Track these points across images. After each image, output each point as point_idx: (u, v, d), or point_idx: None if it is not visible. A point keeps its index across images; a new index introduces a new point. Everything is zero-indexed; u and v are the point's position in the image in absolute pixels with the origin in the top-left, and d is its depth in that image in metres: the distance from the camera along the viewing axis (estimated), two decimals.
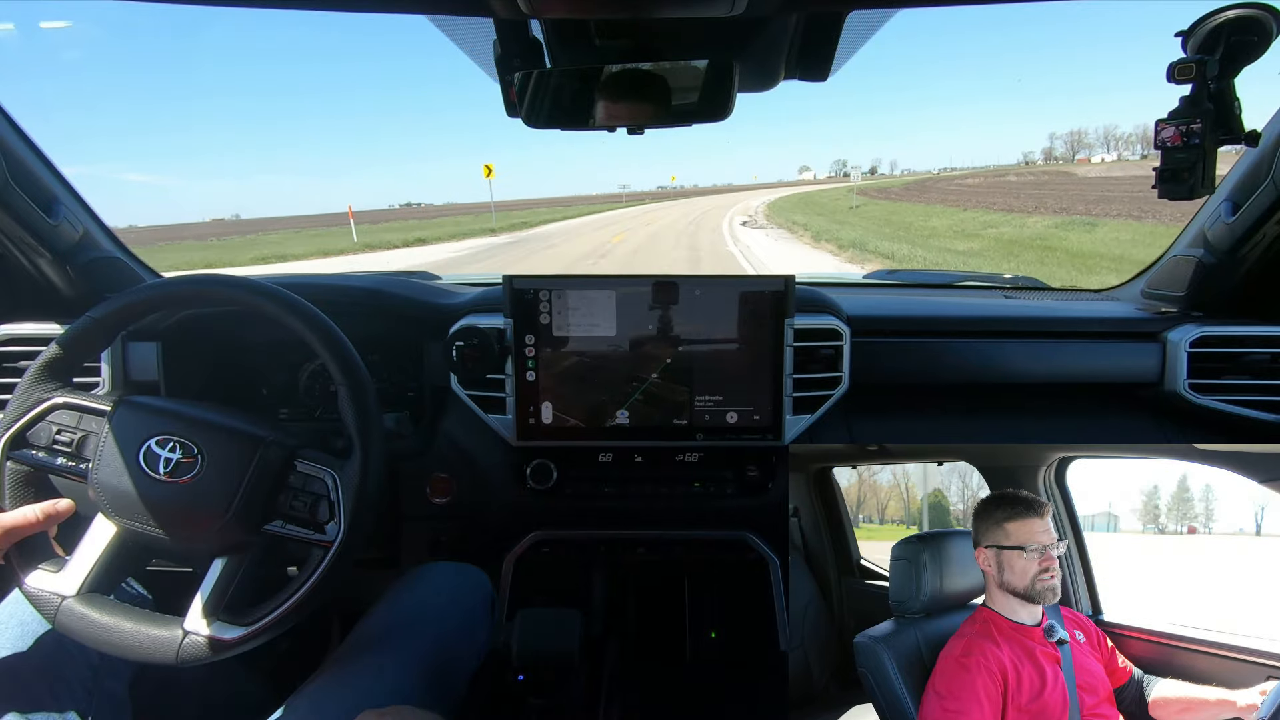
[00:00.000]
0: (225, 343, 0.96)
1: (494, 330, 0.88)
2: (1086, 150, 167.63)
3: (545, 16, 0.63)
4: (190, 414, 0.61)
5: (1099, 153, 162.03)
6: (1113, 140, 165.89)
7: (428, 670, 0.65)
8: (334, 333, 0.64)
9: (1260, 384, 0.90)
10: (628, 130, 0.74)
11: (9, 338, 0.92)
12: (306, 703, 0.59)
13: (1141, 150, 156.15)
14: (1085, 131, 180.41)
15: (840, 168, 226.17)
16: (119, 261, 1.02)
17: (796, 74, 0.76)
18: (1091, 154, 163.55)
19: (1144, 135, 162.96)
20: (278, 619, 0.58)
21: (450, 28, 0.68)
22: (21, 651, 0.61)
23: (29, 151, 0.88)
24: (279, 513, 0.60)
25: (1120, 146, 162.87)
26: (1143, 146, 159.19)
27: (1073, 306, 1.03)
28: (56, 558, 0.60)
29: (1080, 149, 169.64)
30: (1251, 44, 0.73)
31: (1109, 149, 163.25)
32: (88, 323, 0.63)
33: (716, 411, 0.88)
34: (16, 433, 0.60)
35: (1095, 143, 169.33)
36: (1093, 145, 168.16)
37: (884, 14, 0.65)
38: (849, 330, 0.89)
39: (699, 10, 0.53)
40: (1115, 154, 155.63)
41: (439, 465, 0.95)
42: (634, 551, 1.00)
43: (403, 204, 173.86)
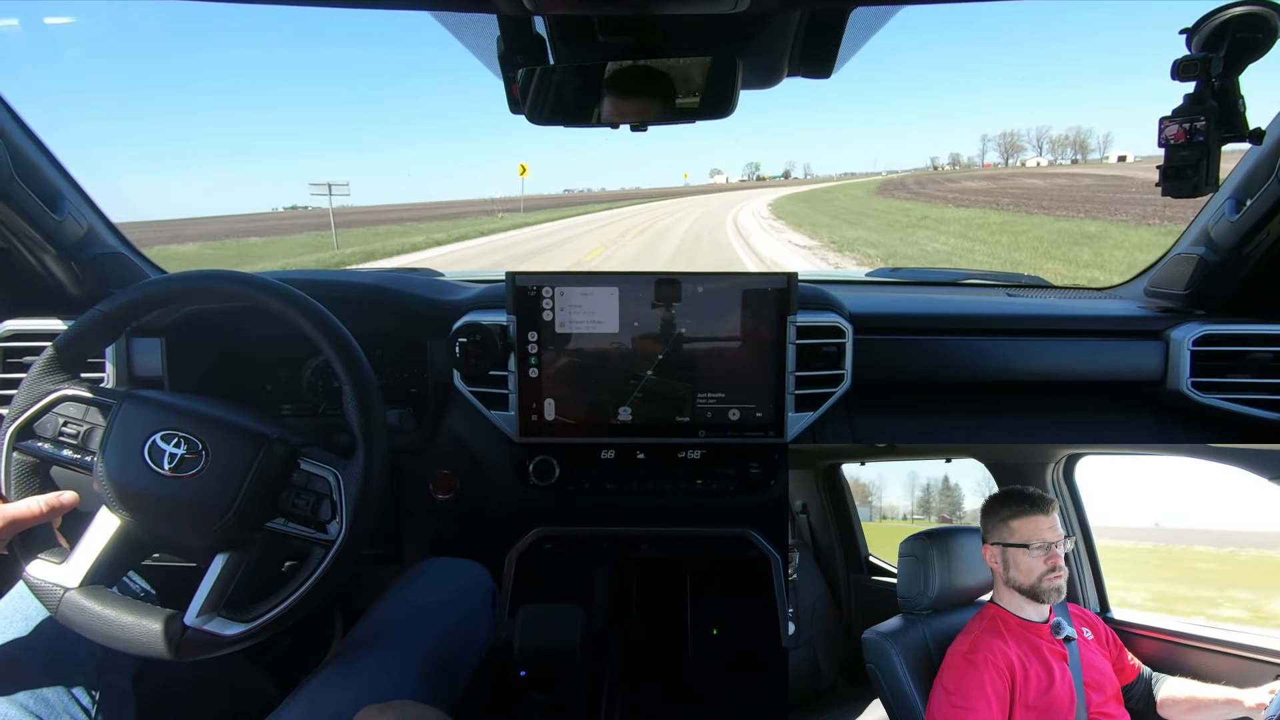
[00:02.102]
0: (229, 339, 0.96)
1: (497, 327, 0.88)
2: (1019, 154, 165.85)
3: (548, 13, 0.63)
4: (196, 409, 0.61)
5: (1031, 155, 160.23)
6: (1045, 143, 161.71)
7: (430, 666, 0.65)
8: (339, 330, 0.64)
9: (1263, 382, 0.90)
10: (630, 127, 0.74)
11: (14, 333, 0.92)
12: (309, 698, 0.59)
13: (1073, 154, 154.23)
14: (1018, 132, 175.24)
15: (753, 170, 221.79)
16: (123, 257, 1.02)
17: (800, 71, 0.77)
18: (1022, 157, 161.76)
19: (1077, 138, 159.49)
20: (277, 617, 0.58)
21: (454, 24, 0.69)
22: (26, 644, 0.61)
23: (33, 147, 0.88)
24: (281, 510, 0.60)
25: (1054, 150, 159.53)
26: (1073, 150, 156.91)
27: (1075, 305, 1.03)
28: (60, 549, 0.60)
29: (1014, 152, 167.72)
30: (1256, 41, 0.73)
31: (1041, 152, 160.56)
32: (96, 316, 0.63)
33: (719, 409, 0.88)
34: (23, 423, 0.60)
35: (1027, 145, 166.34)
36: (1024, 148, 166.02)
37: (887, 10, 0.65)
38: (852, 328, 0.89)
39: (702, 7, 0.53)
40: (1050, 157, 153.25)
41: (442, 461, 0.95)
42: (636, 548, 1.00)
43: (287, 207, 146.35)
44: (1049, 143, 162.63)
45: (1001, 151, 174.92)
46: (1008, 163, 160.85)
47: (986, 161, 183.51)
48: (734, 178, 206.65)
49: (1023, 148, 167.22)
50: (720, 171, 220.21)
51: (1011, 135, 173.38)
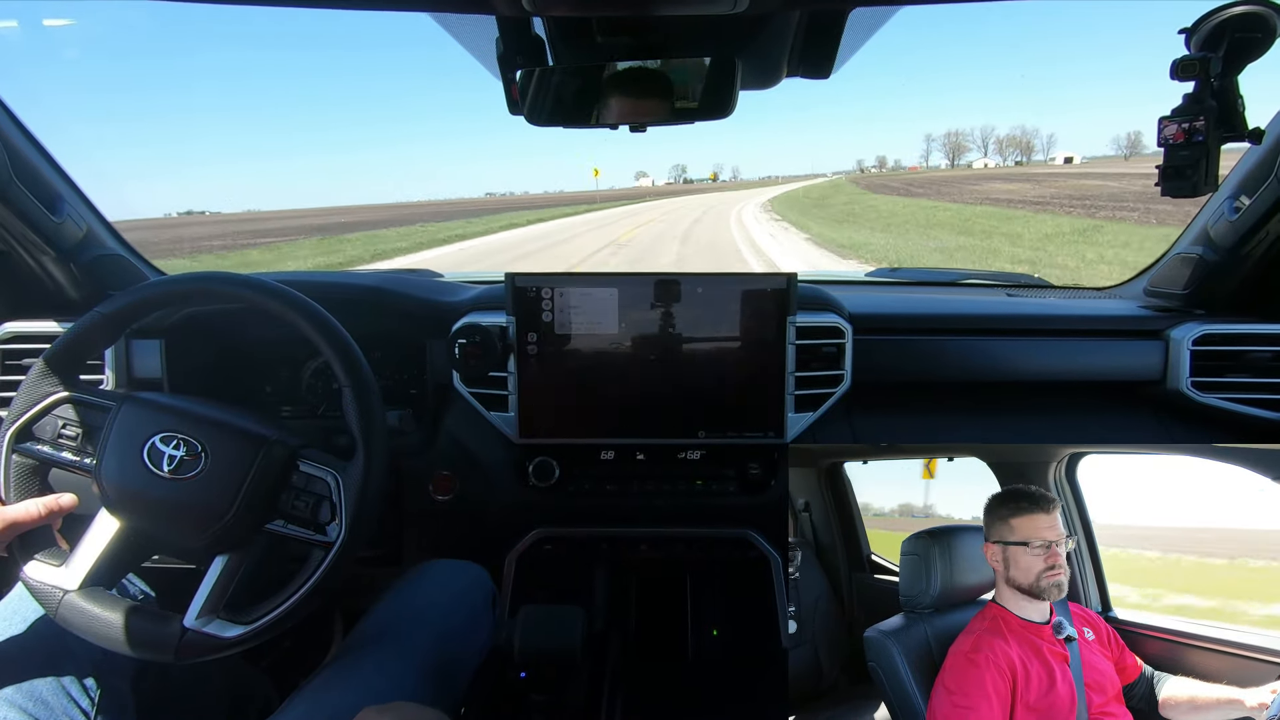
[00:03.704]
0: (228, 340, 0.96)
1: (496, 328, 0.88)
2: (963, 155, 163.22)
3: (548, 14, 0.63)
4: (195, 411, 0.61)
5: (978, 157, 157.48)
6: (990, 143, 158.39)
7: (429, 667, 0.65)
8: (339, 332, 0.64)
9: (1262, 382, 0.90)
10: (630, 128, 0.75)
11: (13, 335, 0.92)
12: (309, 699, 0.58)
13: (1018, 156, 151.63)
14: (963, 131, 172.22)
15: (680, 173, 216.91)
16: (123, 259, 1.02)
17: (799, 71, 0.77)
18: (968, 158, 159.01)
19: (1022, 138, 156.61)
20: (276, 619, 0.58)
21: (453, 25, 0.69)
22: (25, 646, 0.61)
23: (32, 149, 0.88)
24: (280, 512, 0.60)
25: (1001, 151, 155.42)
26: (1019, 152, 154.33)
27: (1075, 304, 1.03)
28: (59, 551, 0.60)
29: (960, 153, 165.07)
30: (1255, 41, 0.73)
31: (986, 152, 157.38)
32: (96, 318, 0.63)
33: (718, 409, 0.88)
34: (23, 425, 0.60)
35: (973, 146, 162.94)
36: (969, 149, 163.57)
37: (886, 11, 0.66)
38: (851, 328, 0.89)
39: (701, 8, 0.53)
40: (998, 158, 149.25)
41: (441, 462, 0.95)
42: (636, 549, 1.00)
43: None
44: (995, 143, 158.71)
45: (947, 152, 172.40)
46: (954, 164, 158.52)
47: (912, 164, 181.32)
48: (660, 181, 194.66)
49: (968, 148, 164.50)
50: (645, 174, 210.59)
51: (956, 135, 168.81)
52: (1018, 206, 16.55)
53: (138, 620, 0.57)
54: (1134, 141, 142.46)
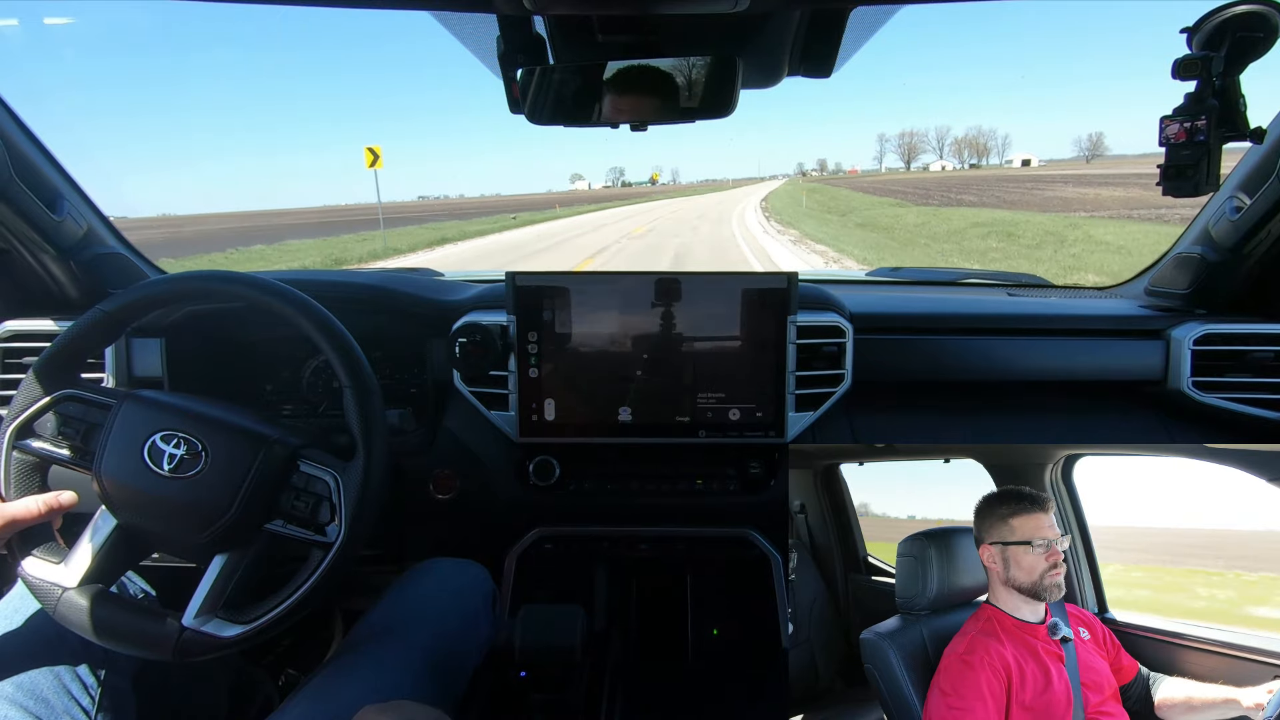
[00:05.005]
0: (228, 339, 0.96)
1: (497, 327, 0.88)
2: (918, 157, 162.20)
3: (549, 13, 0.63)
4: (196, 410, 0.61)
5: (934, 159, 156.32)
6: (948, 145, 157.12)
7: (430, 666, 0.65)
8: (340, 331, 0.64)
9: (1264, 382, 0.90)
10: (630, 127, 0.74)
11: (13, 334, 0.92)
12: (309, 698, 0.59)
13: (970, 159, 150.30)
14: (919, 132, 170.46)
15: (617, 177, 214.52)
16: (123, 258, 1.02)
17: (800, 70, 0.76)
18: (924, 160, 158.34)
19: (976, 139, 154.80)
20: (275, 618, 0.58)
21: (454, 24, 0.69)
22: (25, 644, 0.61)
23: (33, 147, 0.88)
24: (280, 512, 0.60)
25: (957, 153, 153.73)
26: (971, 153, 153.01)
27: (1076, 304, 1.03)
28: (59, 549, 0.60)
29: (914, 155, 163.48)
30: (1257, 40, 0.73)
31: (942, 155, 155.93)
32: (98, 315, 0.63)
33: (719, 408, 0.88)
34: (23, 423, 0.60)
35: (928, 147, 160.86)
36: (924, 150, 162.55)
37: (887, 10, 0.65)
38: (851, 327, 0.89)
39: (702, 6, 0.53)
40: (954, 161, 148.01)
41: (442, 461, 0.95)
42: (636, 548, 1.00)
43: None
44: (952, 145, 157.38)
45: (902, 154, 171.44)
46: (909, 166, 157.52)
47: (852, 167, 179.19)
48: (596, 184, 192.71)
49: (923, 149, 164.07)
50: (581, 177, 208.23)
51: (911, 135, 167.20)
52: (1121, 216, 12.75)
53: (136, 618, 0.57)
54: (1096, 143, 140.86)
